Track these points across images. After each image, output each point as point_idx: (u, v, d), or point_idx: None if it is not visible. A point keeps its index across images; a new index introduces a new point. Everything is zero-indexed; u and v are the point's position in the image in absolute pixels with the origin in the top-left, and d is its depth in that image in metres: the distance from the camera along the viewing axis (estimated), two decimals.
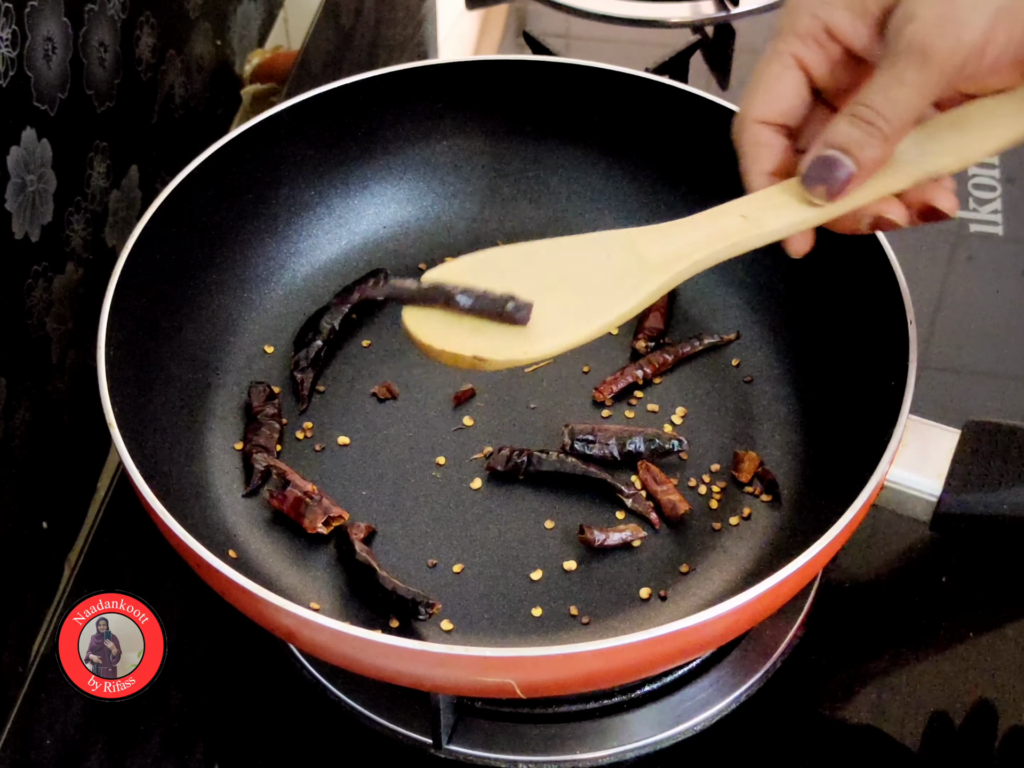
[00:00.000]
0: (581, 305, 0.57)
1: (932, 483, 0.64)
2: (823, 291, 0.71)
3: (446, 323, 0.55)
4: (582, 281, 0.58)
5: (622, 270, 0.58)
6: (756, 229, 0.59)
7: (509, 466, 0.70)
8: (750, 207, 0.60)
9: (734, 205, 0.60)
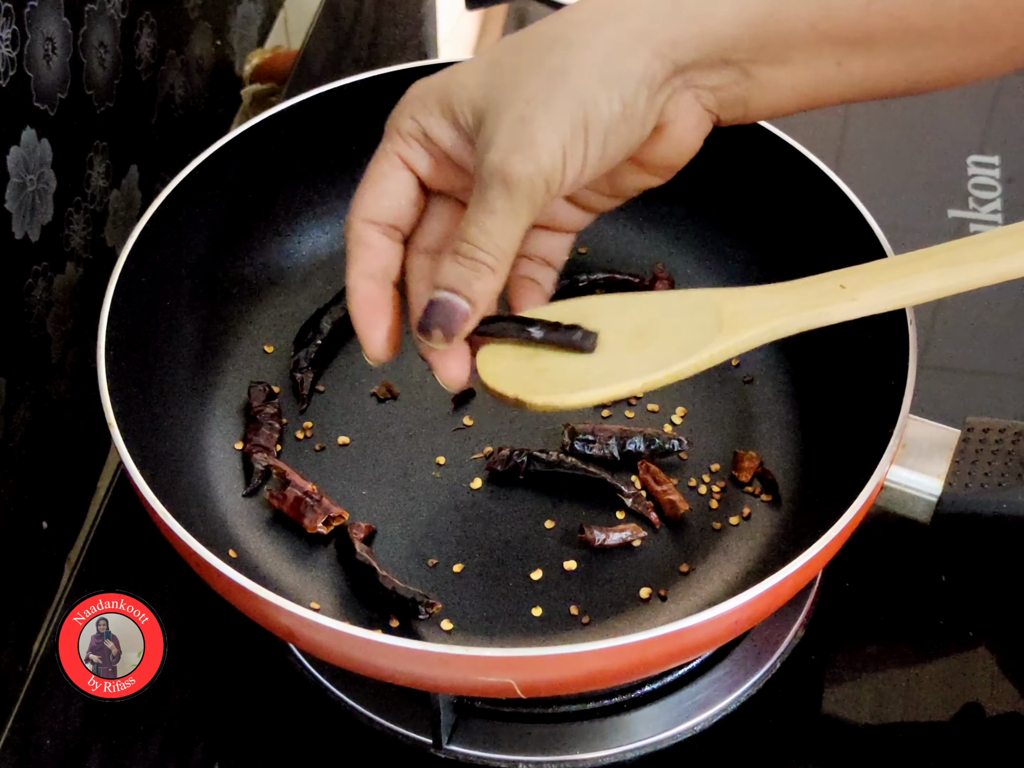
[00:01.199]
0: (635, 360, 0.58)
1: (932, 483, 0.64)
2: None
3: (507, 365, 0.59)
4: (651, 337, 0.59)
5: (696, 329, 0.58)
6: (850, 302, 0.57)
7: (509, 466, 0.70)
8: (852, 278, 0.57)
9: (835, 275, 0.58)
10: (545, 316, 0.60)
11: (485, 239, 0.53)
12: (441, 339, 0.54)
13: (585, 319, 0.60)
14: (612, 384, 0.58)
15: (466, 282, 0.53)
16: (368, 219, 0.57)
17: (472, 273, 0.53)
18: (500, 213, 0.52)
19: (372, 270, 0.56)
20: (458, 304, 0.53)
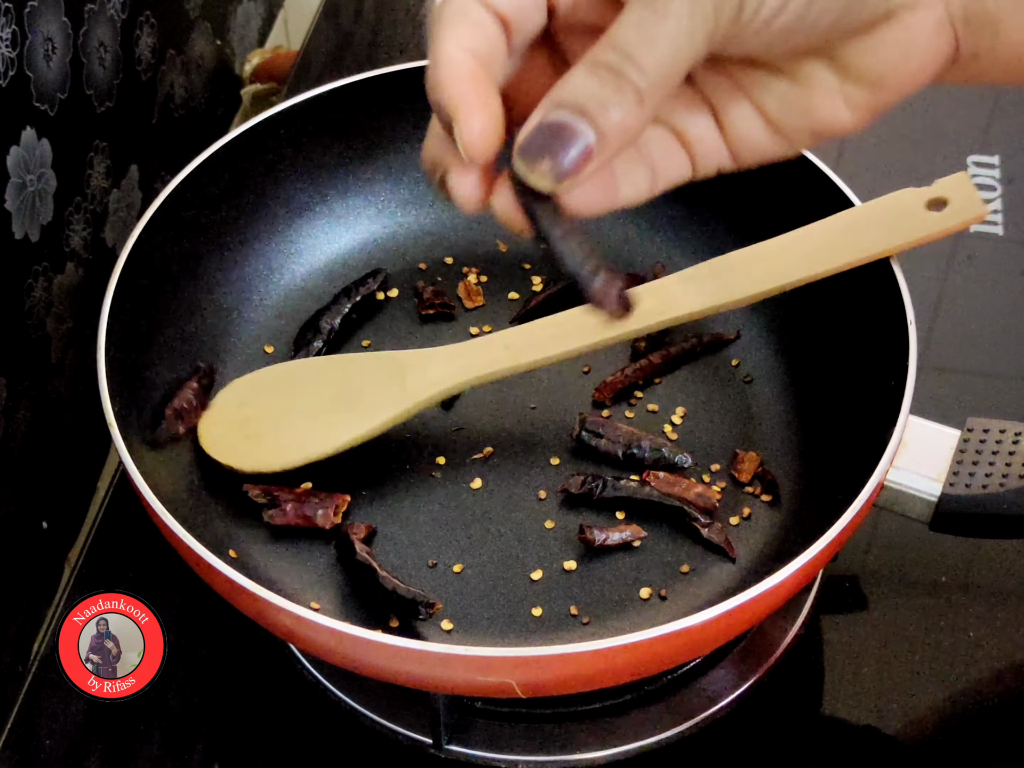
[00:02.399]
0: (335, 421, 0.68)
1: (932, 483, 0.64)
2: (823, 291, 0.71)
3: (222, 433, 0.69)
4: (348, 400, 0.69)
5: (384, 390, 0.68)
6: (513, 362, 0.67)
7: (583, 489, 0.69)
8: (516, 339, 0.68)
9: (501, 336, 0.69)
10: (247, 390, 0.70)
11: (646, 50, 0.38)
12: (548, 174, 0.39)
13: (296, 380, 0.71)
14: (310, 449, 0.68)
15: (601, 104, 0.39)
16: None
17: (613, 94, 0.38)
18: (673, 19, 0.38)
19: (475, 45, 0.41)
20: (583, 132, 0.39)
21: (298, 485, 0.69)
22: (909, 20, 0.41)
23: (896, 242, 0.67)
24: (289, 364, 0.73)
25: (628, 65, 0.38)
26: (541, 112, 0.39)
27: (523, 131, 0.40)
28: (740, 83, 0.44)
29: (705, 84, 0.44)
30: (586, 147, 0.39)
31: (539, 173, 0.39)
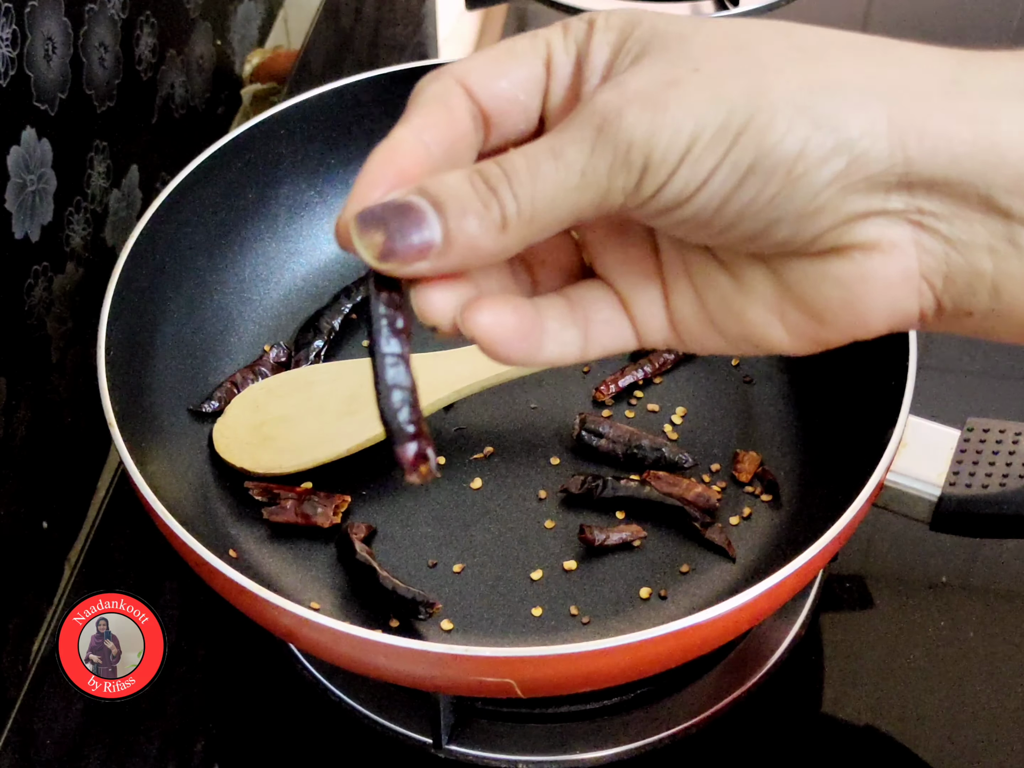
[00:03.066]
0: (347, 424, 0.69)
1: (933, 483, 0.64)
2: None
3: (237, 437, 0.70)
4: (363, 401, 0.69)
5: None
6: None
7: (583, 489, 0.69)
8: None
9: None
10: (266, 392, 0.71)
11: (527, 180, 0.36)
12: (373, 247, 0.36)
13: (309, 384, 0.71)
14: (321, 451, 0.69)
15: (461, 209, 0.36)
16: (466, 82, 0.39)
17: (480, 206, 0.36)
18: (568, 162, 0.36)
19: (437, 136, 0.38)
20: (430, 225, 0.36)
21: (299, 485, 0.69)
22: (864, 263, 0.36)
23: None
24: (303, 369, 0.74)
25: (504, 187, 0.36)
26: (401, 190, 0.37)
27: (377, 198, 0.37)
28: (688, 265, 0.40)
29: (663, 255, 0.41)
30: (426, 241, 0.36)
31: (366, 242, 0.36)
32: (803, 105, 0.35)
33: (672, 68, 0.36)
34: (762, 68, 0.35)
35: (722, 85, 0.35)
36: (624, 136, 0.35)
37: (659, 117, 0.35)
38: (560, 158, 0.36)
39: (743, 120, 0.35)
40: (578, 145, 0.36)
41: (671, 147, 0.35)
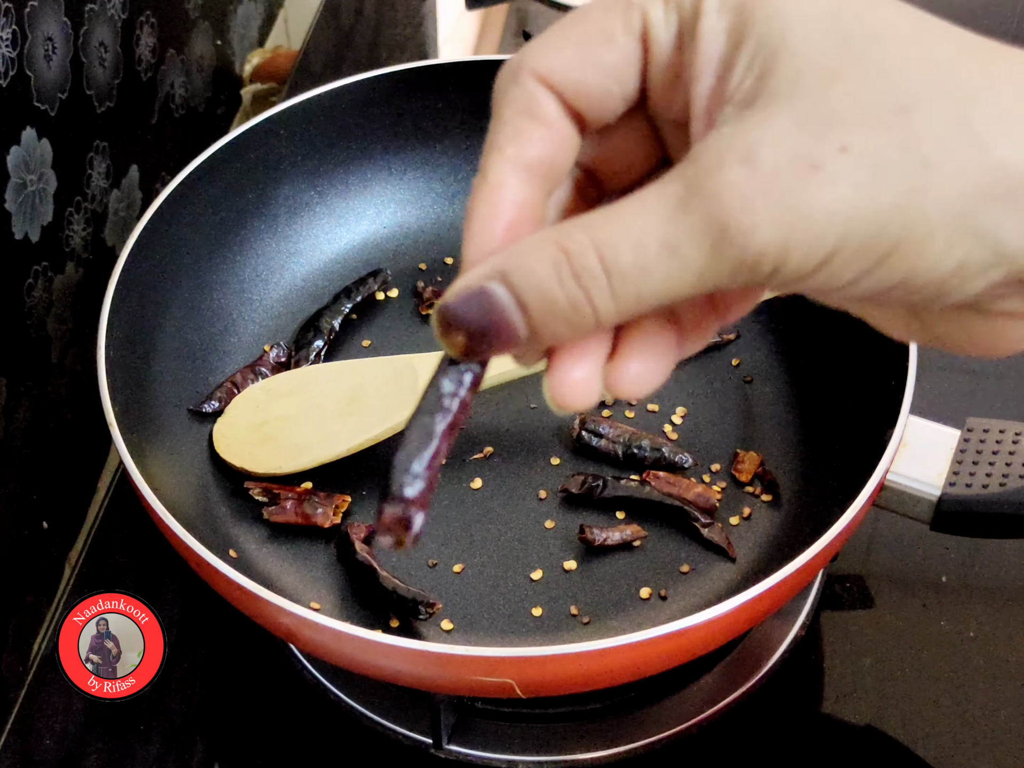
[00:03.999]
0: (348, 423, 0.69)
1: (933, 483, 0.64)
2: None
3: (237, 436, 0.70)
4: (362, 402, 0.69)
5: (396, 393, 0.69)
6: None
7: (583, 489, 0.69)
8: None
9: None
10: (272, 392, 0.71)
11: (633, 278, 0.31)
12: (457, 346, 0.34)
13: (309, 384, 0.71)
14: (323, 451, 0.69)
15: (547, 312, 0.32)
16: (550, 80, 0.34)
17: (566, 310, 0.32)
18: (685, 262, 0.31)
19: (536, 153, 0.34)
20: (513, 325, 0.32)
21: (299, 485, 0.69)
22: (1003, 323, 0.34)
23: None
24: (303, 369, 0.74)
25: (600, 286, 0.31)
26: (482, 274, 0.33)
27: (457, 287, 0.33)
28: None
29: None
30: (510, 338, 0.33)
31: (447, 342, 0.34)
32: (963, 215, 0.30)
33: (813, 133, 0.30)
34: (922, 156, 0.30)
35: (875, 185, 0.30)
36: (755, 248, 0.30)
37: (798, 232, 0.30)
38: (675, 257, 0.31)
39: (894, 239, 0.30)
40: (698, 243, 0.31)
41: (807, 260, 0.31)
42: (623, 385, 0.34)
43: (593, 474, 0.69)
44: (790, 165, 0.30)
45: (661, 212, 0.31)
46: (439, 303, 0.34)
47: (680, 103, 0.35)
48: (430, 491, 0.35)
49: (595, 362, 0.34)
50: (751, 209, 0.30)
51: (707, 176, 0.30)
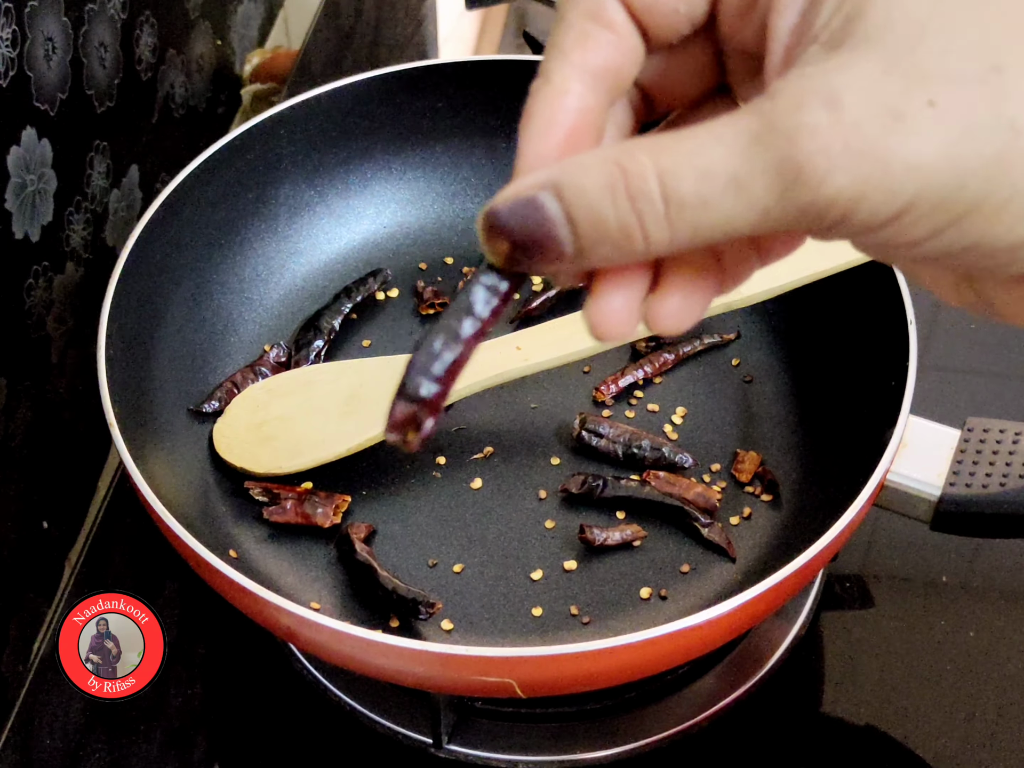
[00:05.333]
0: (349, 423, 0.69)
1: (933, 483, 0.64)
2: (823, 290, 0.71)
3: (237, 437, 0.70)
4: (361, 401, 0.69)
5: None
6: (524, 363, 0.69)
7: (583, 489, 0.69)
8: (527, 340, 0.70)
9: (513, 337, 0.70)
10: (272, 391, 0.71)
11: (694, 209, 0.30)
12: (500, 255, 0.32)
13: (309, 384, 0.71)
14: (323, 451, 0.69)
15: (596, 234, 0.31)
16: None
17: (617, 236, 0.31)
18: (751, 199, 0.30)
19: (601, 60, 0.33)
20: (561, 240, 0.31)
21: (299, 484, 0.69)
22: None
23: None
24: (303, 369, 0.74)
25: (657, 213, 0.30)
26: (535, 183, 0.32)
27: (508, 192, 0.32)
28: None
29: None
30: (556, 254, 0.32)
31: (491, 249, 0.32)
32: None
33: (902, 83, 0.29)
34: (1011, 119, 0.29)
35: (960, 142, 0.29)
36: (828, 193, 0.29)
37: (874, 181, 0.29)
38: (742, 193, 0.30)
39: (973, 201, 0.29)
40: (768, 182, 0.30)
41: (878, 212, 0.30)
42: (662, 319, 0.33)
43: (593, 474, 0.69)
44: (875, 113, 0.29)
45: (733, 145, 0.30)
46: (487, 206, 0.32)
47: (752, 33, 0.34)
48: (444, 396, 0.34)
49: (636, 293, 0.33)
50: (829, 153, 0.29)
51: (786, 114, 0.29)
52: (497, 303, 0.34)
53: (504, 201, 0.32)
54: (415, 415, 0.34)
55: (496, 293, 0.34)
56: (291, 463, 0.69)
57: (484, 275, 0.34)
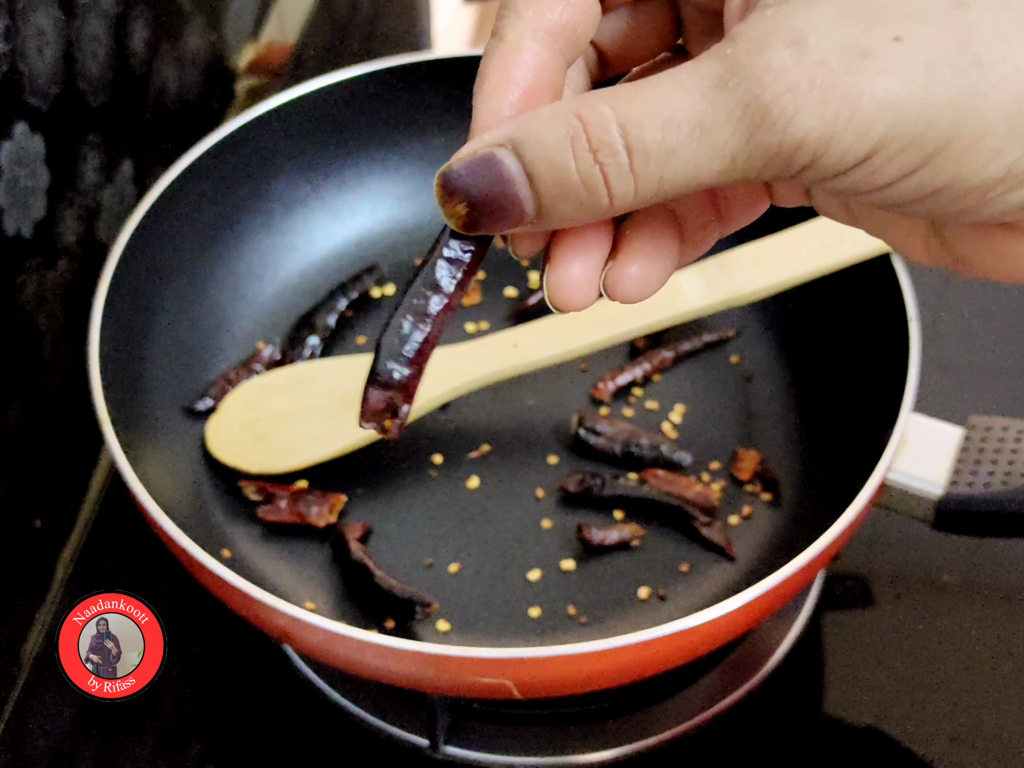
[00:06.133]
0: (343, 421, 0.68)
1: (935, 482, 0.64)
2: (824, 288, 0.71)
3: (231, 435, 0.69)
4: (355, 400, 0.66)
5: None
6: (522, 360, 0.68)
7: (581, 488, 0.68)
8: (524, 337, 0.69)
9: (510, 334, 0.70)
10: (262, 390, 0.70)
11: (658, 158, 0.29)
12: (458, 217, 0.31)
13: (304, 382, 0.71)
14: (318, 449, 0.68)
15: (557, 189, 0.30)
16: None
17: (580, 191, 0.30)
18: (715, 144, 0.29)
19: (552, 22, 0.32)
20: (520, 199, 0.31)
21: (294, 483, 0.69)
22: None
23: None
24: (297, 367, 0.73)
25: (619, 163, 0.29)
26: (491, 140, 0.31)
27: (463, 152, 0.31)
28: None
29: None
30: (516, 214, 0.31)
31: (449, 211, 0.32)
32: (1016, 119, 0.29)
33: (866, 21, 0.29)
34: (977, 55, 0.29)
35: (929, 78, 0.29)
36: (796, 134, 0.29)
37: (842, 120, 0.29)
38: (707, 138, 0.29)
39: (944, 138, 0.29)
40: (734, 126, 0.29)
41: (848, 153, 0.29)
42: (623, 287, 0.33)
43: (591, 473, 0.69)
44: (840, 51, 0.29)
45: (696, 91, 0.29)
46: (443, 168, 0.31)
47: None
48: (417, 378, 0.33)
49: (596, 260, 0.33)
50: (795, 92, 0.28)
51: (749, 56, 0.29)
52: (461, 275, 0.33)
53: (459, 160, 0.31)
54: (390, 400, 0.33)
55: (460, 264, 0.33)
56: (285, 462, 0.69)
57: (445, 246, 0.33)
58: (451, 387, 0.69)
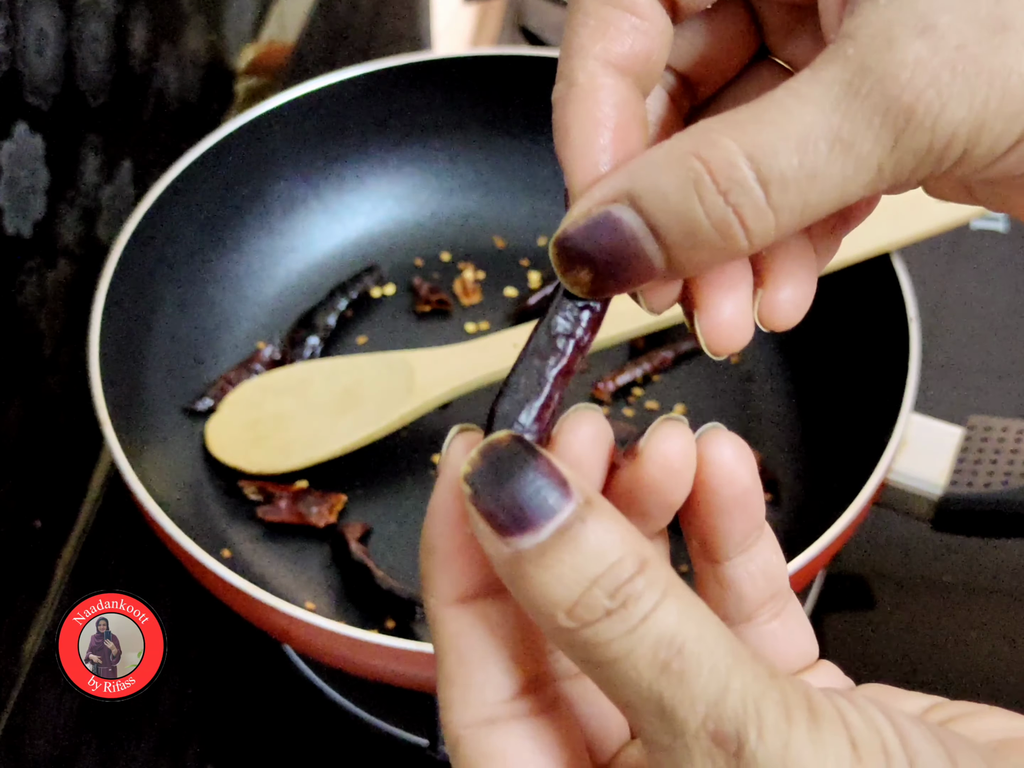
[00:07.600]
0: (344, 421, 0.69)
1: (935, 482, 0.64)
2: (824, 288, 0.70)
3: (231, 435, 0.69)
4: (356, 399, 0.69)
5: (392, 390, 0.69)
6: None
7: None
8: (524, 338, 0.64)
9: (510, 334, 0.70)
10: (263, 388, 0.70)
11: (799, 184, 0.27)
12: (583, 285, 0.29)
13: (303, 382, 0.71)
14: (318, 449, 0.68)
15: (687, 240, 0.28)
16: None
17: (712, 236, 0.27)
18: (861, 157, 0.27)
19: (626, 49, 0.29)
20: (647, 255, 0.28)
21: (294, 483, 0.69)
22: None
23: (899, 236, 0.67)
24: (297, 367, 0.73)
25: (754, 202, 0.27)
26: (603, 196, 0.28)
27: (575, 214, 0.28)
28: None
29: None
30: (645, 270, 0.28)
31: (571, 280, 0.29)
32: None
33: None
34: None
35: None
36: (946, 129, 0.26)
37: (992, 103, 0.26)
38: (850, 153, 0.27)
39: None
40: (874, 134, 0.26)
41: (1002, 138, 0.27)
42: (779, 315, 0.31)
43: None
44: (975, 29, 0.26)
45: (825, 103, 0.27)
46: (556, 235, 0.29)
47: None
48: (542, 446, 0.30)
49: (745, 295, 0.30)
50: (938, 85, 0.26)
51: (878, 54, 0.26)
52: (582, 335, 0.30)
53: (574, 224, 0.28)
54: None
55: (579, 324, 0.30)
56: (285, 462, 0.69)
57: (563, 307, 0.30)
58: (451, 387, 0.69)
